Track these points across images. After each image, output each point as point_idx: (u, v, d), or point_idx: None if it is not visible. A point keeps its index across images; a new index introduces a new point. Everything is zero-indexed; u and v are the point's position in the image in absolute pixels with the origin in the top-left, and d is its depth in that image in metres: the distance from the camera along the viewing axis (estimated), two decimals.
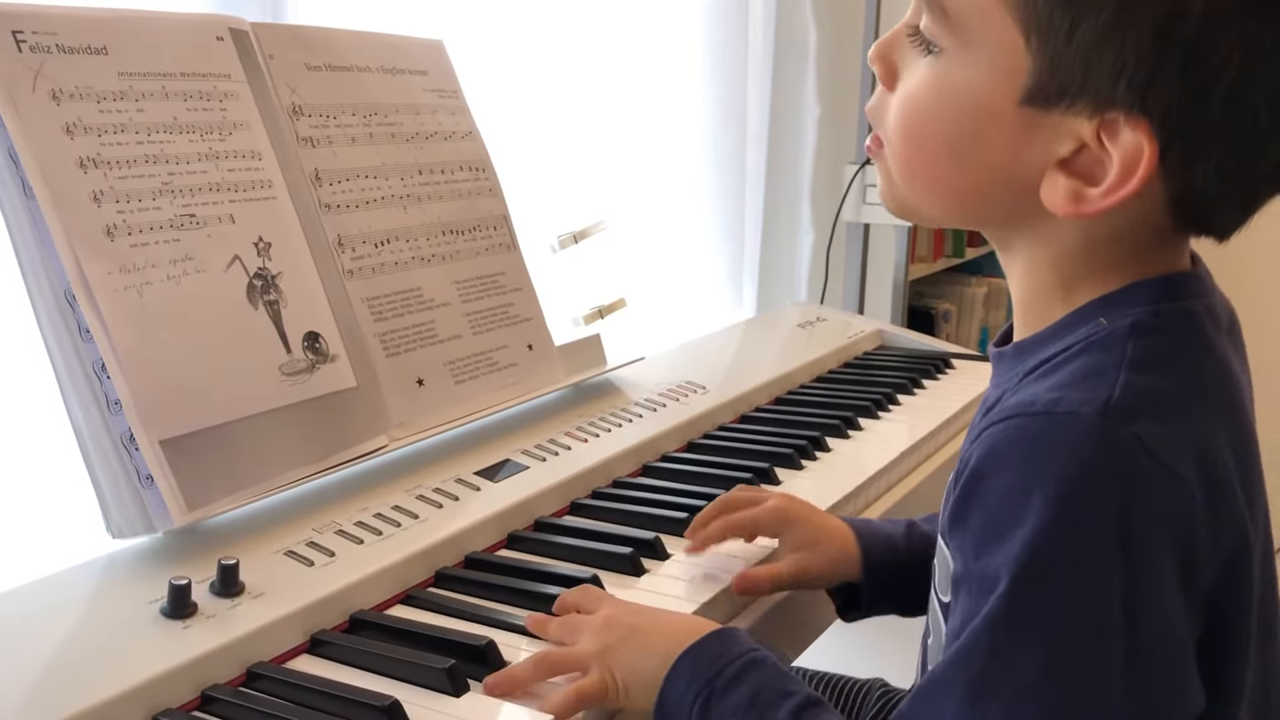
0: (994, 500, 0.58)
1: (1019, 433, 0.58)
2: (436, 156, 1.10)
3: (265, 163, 0.94)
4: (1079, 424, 0.56)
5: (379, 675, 0.71)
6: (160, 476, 0.78)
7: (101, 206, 0.81)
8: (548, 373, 1.14)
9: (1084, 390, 0.58)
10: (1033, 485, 0.56)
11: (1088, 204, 0.59)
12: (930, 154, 0.65)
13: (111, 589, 0.76)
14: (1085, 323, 0.62)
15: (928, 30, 0.63)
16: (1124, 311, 0.61)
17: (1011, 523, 0.56)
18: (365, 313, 0.98)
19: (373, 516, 0.86)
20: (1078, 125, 0.59)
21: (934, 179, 0.65)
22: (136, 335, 0.79)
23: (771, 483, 1.04)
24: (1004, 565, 0.56)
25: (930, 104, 0.63)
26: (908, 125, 0.65)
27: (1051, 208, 0.61)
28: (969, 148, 0.63)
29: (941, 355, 1.53)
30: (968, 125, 0.62)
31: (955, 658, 0.57)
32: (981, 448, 0.59)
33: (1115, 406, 0.57)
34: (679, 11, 1.80)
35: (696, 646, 0.68)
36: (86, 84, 0.83)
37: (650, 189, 1.75)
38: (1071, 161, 0.60)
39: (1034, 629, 0.56)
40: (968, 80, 0.62)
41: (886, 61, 0.66)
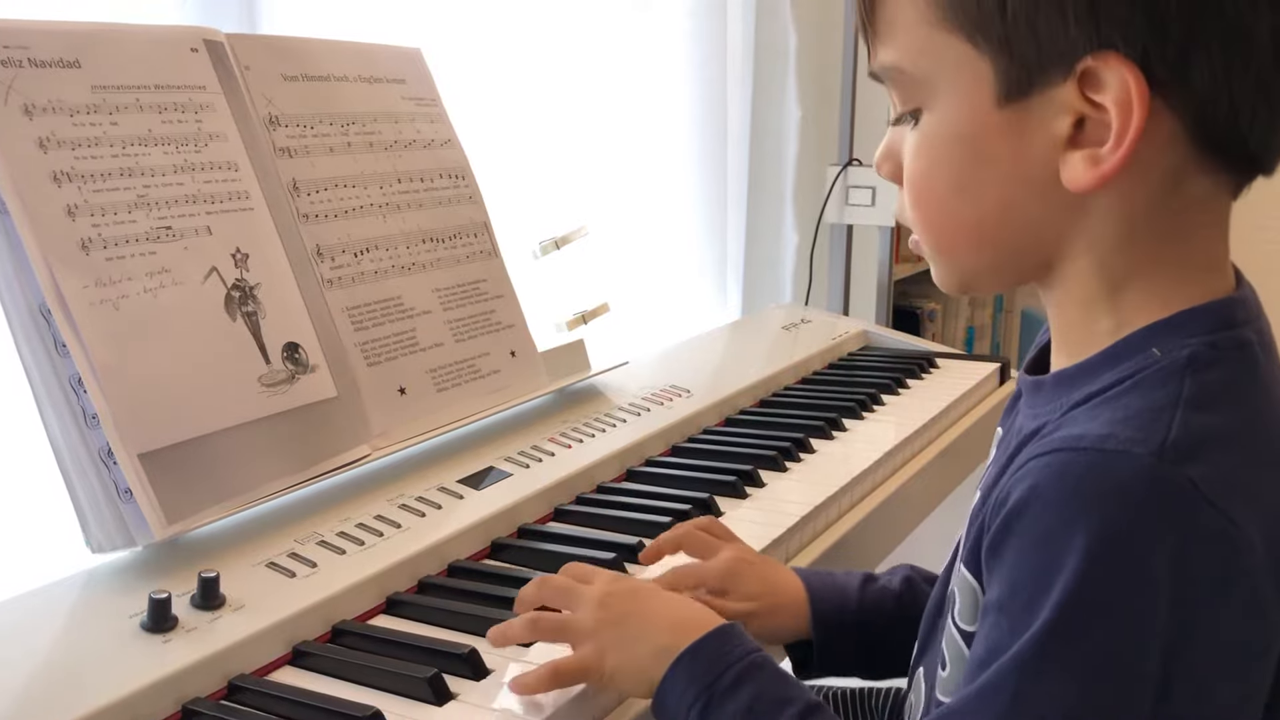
0: (1035, 536, 0.55)
1: (1065, 468, 0.55)
2: (415, 165, 1.10)
3: (242, 174, 0.93)
4: (1131, 464, 0.53)
5: (362, 685, 0.70)
6: (139, 490, 0.77)
7: (76, 220, 0.81)
8: (531, 379, 1.14)
9: (1138, 428, 0.55)
10: (1077, 526, 0.53)
11: (1105, 162, 0.56)
12: (945, 204, 0.63)
13: (91, 604, 0.75)
14: (1136, 353, 0.59)
15: (903, 104, 0.63)
16: (1178, 342, 0.58)
17: (1052, 564, 0.54)
18: (345, 322, 0.98)
19: (355, 526, 0.86)
20: (1062, 95, 0.57)
21: (953, 224, 0.63)
22: (113, 349, 0.79)
23: (756, 485, 1.04)
24: (1040, 606, 0.53)
25: (926, 162, 0.63)
26: (916, 195, 0.64)
27: (1076, 186, 0.58)
28: (975, 176, 0.61)
29: (926, 355, 1.53)
30: (965, 156, 0.61)
31: (980, 692, 0.55)
32: (1026, 481, 0.56)
33: (1171, 447, 0.54)
34: (659, 16, 1.80)
35: (696, 646, 0.67)
36: (59, 98, 0.83)
37: (632, 193, 1.75)
38: (1076, 137, 0.57)
39: (1064, 675, 0.53)
40: (948, 118, 0.61)
41: (892, 160, 0.66)
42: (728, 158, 1.96)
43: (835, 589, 0.85)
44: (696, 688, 0.66)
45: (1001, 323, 3.11)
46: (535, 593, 0.75)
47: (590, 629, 0.70)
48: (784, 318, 1.67)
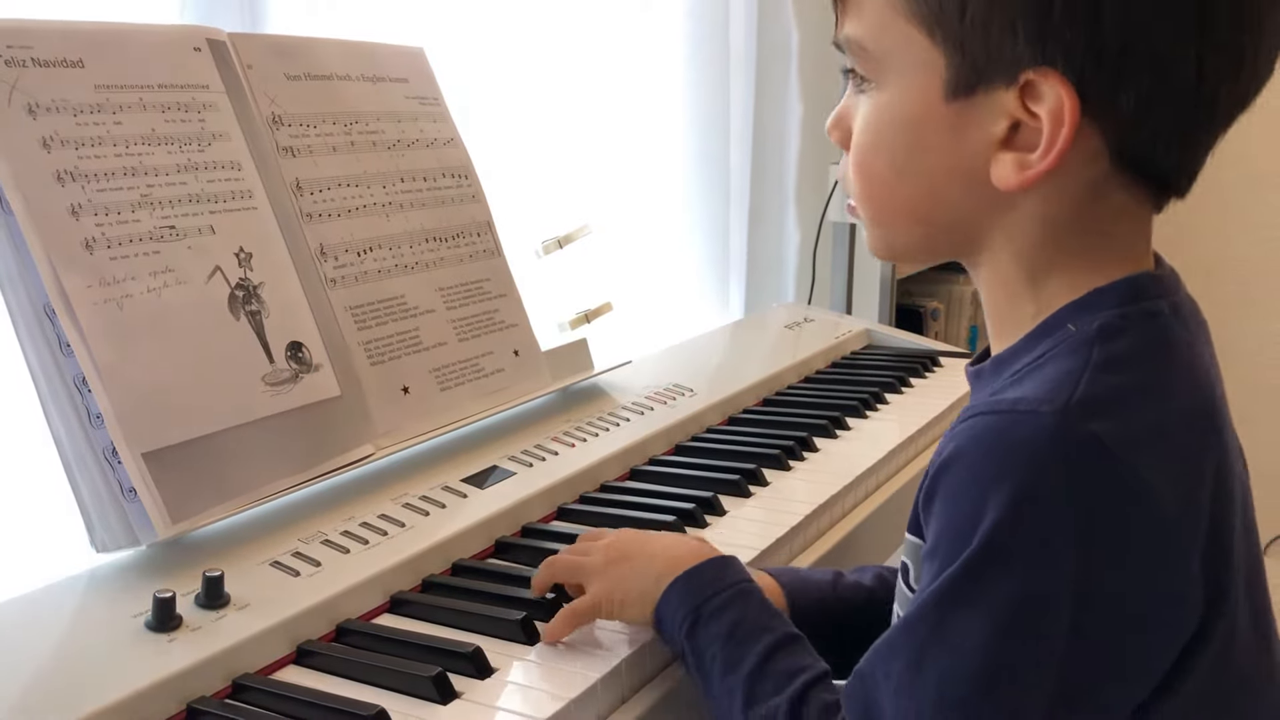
0: (955, 492, 0.60)
1: (982, 428, 0.60)
2: (418, 164, 1.10)
3: (245, 173, 0.93)
4: (1038, 421, 0.58)
5: (366, 684, 0.70)
6: (143, 489, 0.77)
7: (80, 220, 0.81)
8: (534, 378, 1.14)
9: (1048, 391, 0.59)
10: (990, 478, 0.58)
11: (1031, 168, 0.61)
12: (883, 178, 0.67)
13: (96, 603, 0.75)
14: (1055, 330, 0.64)
15: (857, 69, 0.67)
16: (1091, 316, 0.63)
17: (969, 513, 0.58)
18: (349, 321, 0.98)
19: (359, 525, 0.86)
20: (1002, 100, 0.61)
21: (893, 201, 0.68)
22: (117, 348, 0.79)
23: (760, 484, 1.04)
24: (959, 549, 0.58)
25: (871, 135, 0.67)
26: (858, 162, 0.68)
27: (1002, 184, 0.62)
28: (914, 159, 0.65)
29: (929, 353, 1.53)
30: (907, 139, 0.65)
31: (905, 625, 0.60)
32: (953, 443, 0.61)
33: (1075, 405, 0.58)
34: (660, 14, 1.80)
35: (692, 571, 0.74)
36: (63, 97, 0.83)
37: (634, 192, 1.75)
38: (1010, 140, 0.62)
39: (977, 609, 0.58)
40: (896, 98, 0.65)
41: (841, 127, 0.70)
42: (730, 156, 1.96)
43: (811, 586, 0.88)
44: (686, 608, 0.72)
45: None
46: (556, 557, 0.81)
47: (599, 567, 0.76)
48: (787, 317, 1.67)
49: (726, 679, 0.69)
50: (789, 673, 0.67)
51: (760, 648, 0.69)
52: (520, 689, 0.71)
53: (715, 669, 0.70)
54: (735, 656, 0.69)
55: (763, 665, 0.68)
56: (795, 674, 0.67)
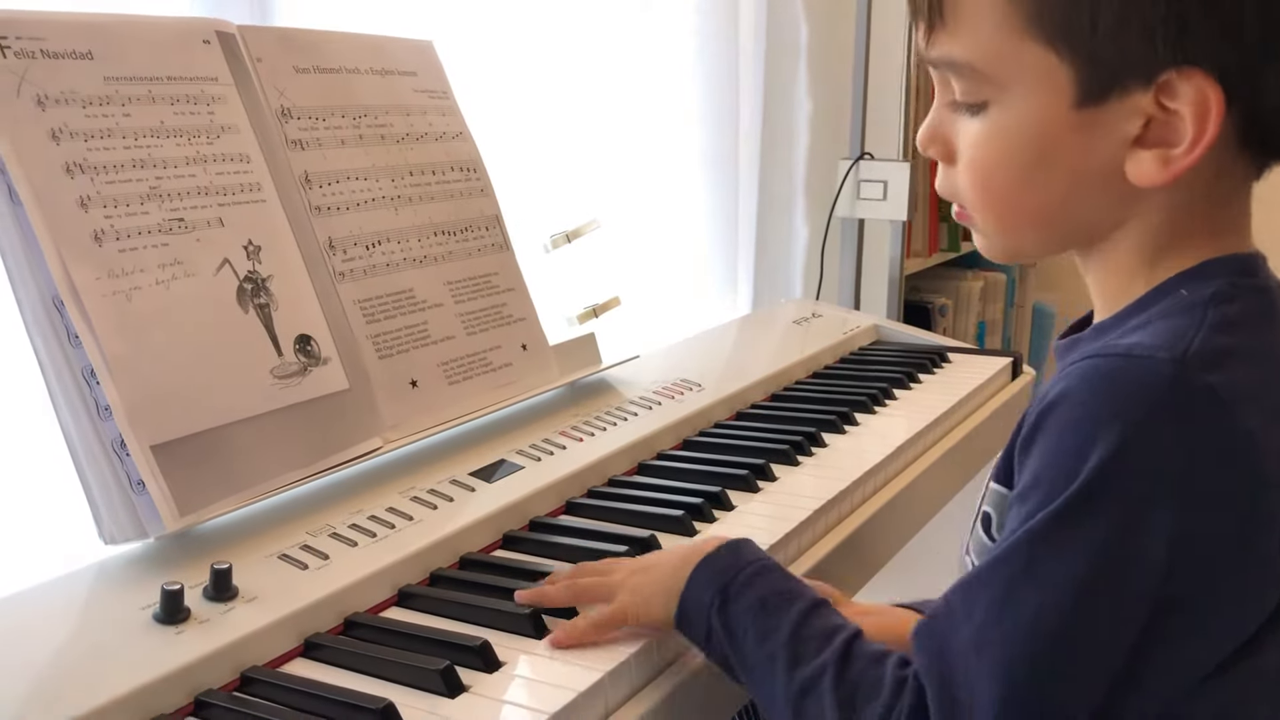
0: (1061, 430, 0.60)
1: (1093, 370, 0.61)
2: (427, 157, 1.10)
3: (254, 165, 0.93)
4: (1155, 367, 0.59)
5: (374, 678, 0.70)
6: (151, 482, 0.77)
7: (89, 211, 0.81)
8: (542, 372, 1.14)
9: (1163, 341, 0.60)
10: (1100, 417, 0.59)
11: (1177, 162, 0.62)
12: (1011, 193, 0.68)
13: (104, 595, 0.75)
14: (1167, 295, 0.65)
15: (966, 95, 0.67)
16: (1205, 284, 0.64)
17: (1075, 450, 0.59)
18: (357, 315, 0.98)
19: (367, 519, 0.86)
20: (1137, 101, 0.62)
21: (1022, 213, 0.68)
22: (125, 340, 0.79)
23: (768, 479, 1.04)
24: (1060, 487, 0.59)
25: (994, 153, 0.67)
26: (981, 180, 0.68)
27: (1144, 181, 0.63)
28: (1044, 171, 0.66)
29: (938, 349, 1.53)
30: (1036, 152, 0.66)
31: (994, 561, 0.61)
32: (1061, 384, 0.62)
33: (1193, 355, 0.59)
34: (669, 9, 1.80)
35: (710, 556, 0.74)
36: (72, 89, 0.83)
37: (643, 187, 1.74)
38: (1145, 136, 0.63)
39: (1073, 547, 0.58)
40: (1020, 116, 0.65)
41: (940, 141, 0.70)
42: (739, 151, 1.96)
43: None
44: (712, 590, 0.72)
45: (1013, 317, 3.09)
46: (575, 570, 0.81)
47: (621, 580, 0.76)
48: (795, 312, 1.67)
49: (765, 646, 0.69)
50: (827, 632, 0.68)
51: (794, 613, 0.69)
52: (528, 683, 0.70)
53: (750, 640, 0.70)
54: (770, 625, 0.69)
55: (799, 629, 0.68)
56: (834, 632, 0.68)
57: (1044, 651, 0.58)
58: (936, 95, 0.70)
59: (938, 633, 0.62)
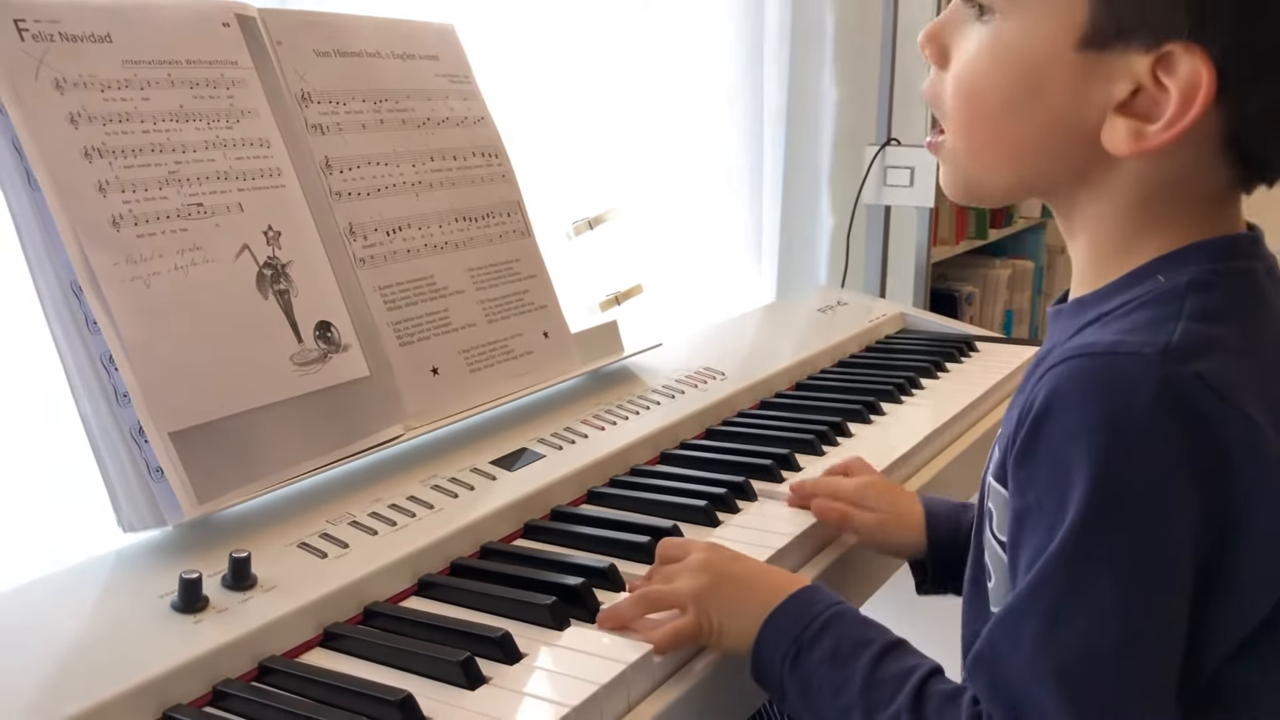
0: (1058, 437, 0.59)
1: (1080, 371, 0.59)
2: (448, 142, 1.09)
3: (274, 150, 0.92)
4: (1140, 362, 0.58)
5: (393, 668, 0.69)
6: (170, 469, 0.77)
7: (107, 196, 0.80)
8: (564, 360, 1.13)
9: (1144, 335, 0.60)
10: (1096, 421, 0.58)
11: (1148, 139, 0.61)
12: (991, 113, 0.66)
13: (122, 583, 0.75)
14: (1143, 281, 0.64)
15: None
16: (1182, 270, 0.63)
17: (1077, 458, 0.58)
18: (378, 301, 0.97)
19: (387, 507, 0.85)
20: (1134, 64, 0.61)
21: (996, 139, 0.67)
22: (144, 326, 0.78)
23: (792, 469, 1.03)
24: (1072, 500, 0.58)
25: (987, 65, 0.66)
26: (966, 90, 0.67)
27: (1113, 149, 0.62)
28: (1029, 100, 0.64)
29: (965, 338, 1.51)
30: (1027, 78, 0.64)
31: (1030, 590, 0.59)
32: (1044, 388, 0.60)
33: (1175, 348, 0.58)
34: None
35: (783, 605, 0.73)
36: (90, 72, 0.82)
37: (667, 173, 1.73)
38: (1129, 104, 0.62)
39: (1107, 560, 0.57)
40: (1025, 34, 0.64)
41: (937, 42, 0.69)
42: (764, 138, 1.94)
43: (950, 514, 0.92)
44: (786, 641, 0.71)
45: (1041, 305, 3.06)
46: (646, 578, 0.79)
47: (693, 593, 0.74)
48: (820, 300, 1.65)
49: (840, 699, 0.68)
50: (900, 675, 0.67)
51: (865, 661, 0.68)
52: (549, 675, 0.70)
53: (825, 694, 0.68)
54: (843, 677, 0.68)
55: (871, 676, 0.67)
56: (907, 675, 0.66)
57: (1104, 664, 0.57)
58: None
59: (990, 667, 0.61)
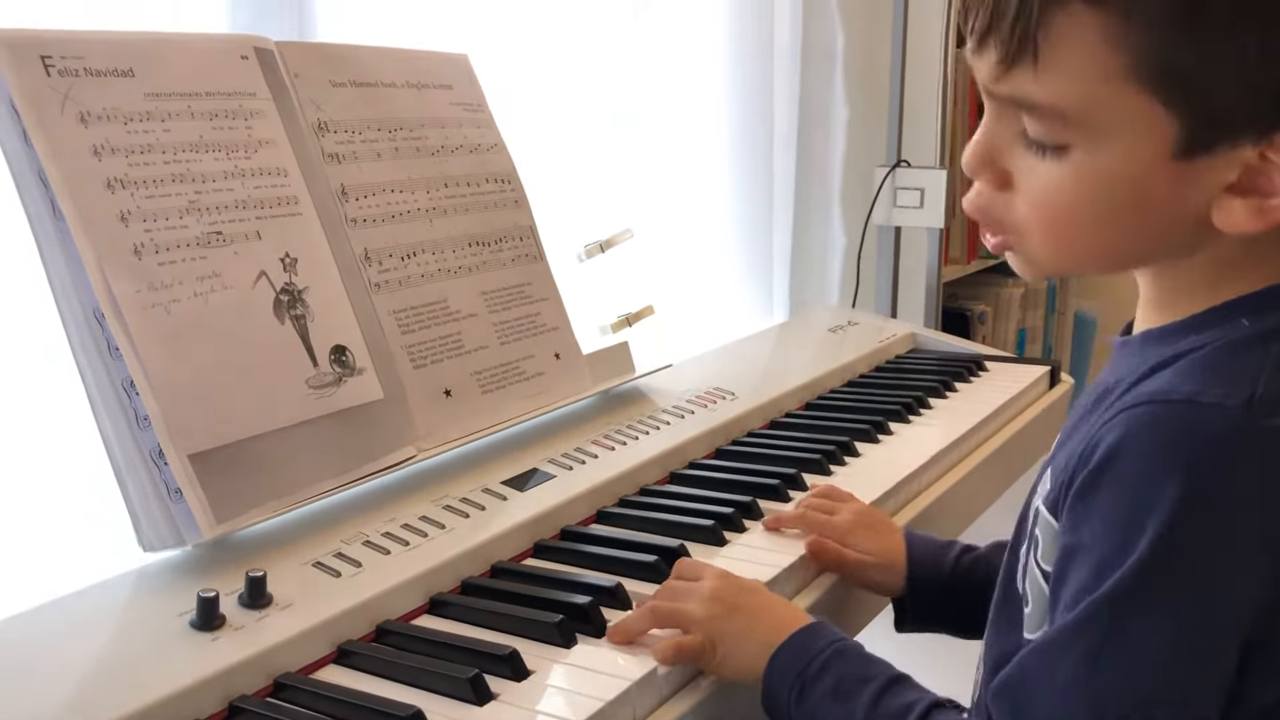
0: (1129, 483, 0.58)
1: (1157, 418, 0.59)
2: (462, 169, 1.11)
3: (291, 179, 0.95)
4: (1223, 415, 0.57)
5: (405, 685, 0.71)
6: (189, 490, 0.79)
7: (129, 226, 0.82)
8: (575, 381, 1.14)
9: (1227, 384, 0.58)
10: (1172, 473, 0.57)
11: (1272, 214, 0.59)
12: (1088, 235, 0.64)
13: (142, 602, 0.77)
14: (1225, 321, 0.63)
15: (1044, 135, 0.62)
16: (1268, 315, 0.62)
17: (1147, 509, 0.57)
18: (392, 325, 0.99)
19: (400, 527, 0.87)
20: (1242, 154, 0.59)
21: (1095, 247, 0.66)
22: (164, 352, 0.81)
23: (800, 489, 1.04)
24: (1134, 546, 0.57)
25: (1074, 198, 0.63)
26: (1054, 221, 0.64)
27: (1234, 229, 0.61)
28: (1128, 215, 0.63)
29: (974, 357, 1.52)
30: (1124, 198, 0.62)
31: (1074, 624, 0.59)
32: (1117, 430, 0.60)
33: (1260, 401, 0.57)
34: (704, 16, 1.80)
35: (788, 642, 0.74)
36: (114, 106, 0.84)
37: (678, 195, 1.75)
38: (1238, 184, 0.60)
39: (1161, 605, 0.57)
40: (1110, 164, 0.61)
41: (995, 168, 0.66)
42: (774, 159, 1.95)
43: (932, 556, 0.93)
44: (791, 677, 0.73)
45: (1054, 324, 3.06)
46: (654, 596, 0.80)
47: (702, 618, 0.76)
48: (830, 320, 1.67)
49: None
50: (902, 709, 0.68)
51: (867, 696, 0.69)
52: (557, 691, 0.71)
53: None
54: (845, 711, 0.70)
55: (874, 710, 0.69)
56: (908, 709, 0.68)
57: (1142, 706, 0.57)
58: (990, 115, 0.65)
59: (1017, 692, 0.61)
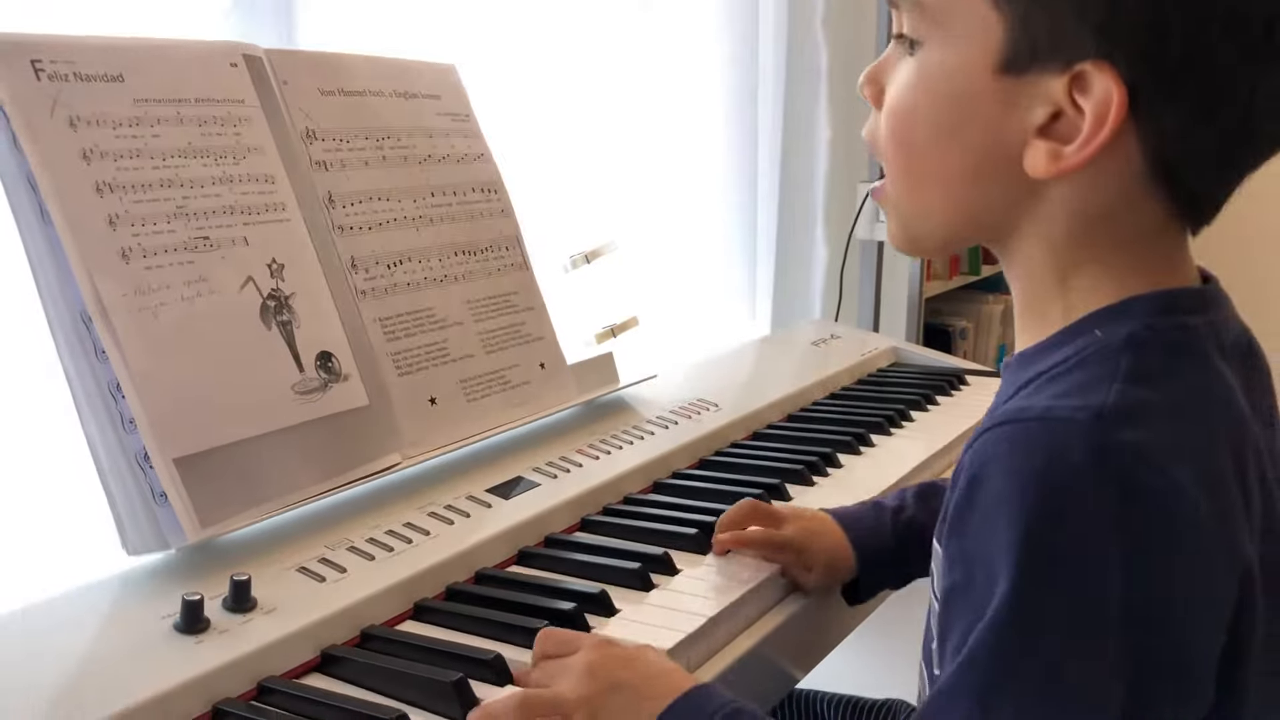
0: (989, 504, 0.58)
1: (1012, 438, 0.59)
2: (449, 178, 1.12)
3: (279, 186, 0.95)
4: (1071, 429, 0.57)
5: (388, 690, 0.71)
6: (174, 494, 0.79)
7: (117, 230, 0.82)
8: (560, 391, 1.15)
9: (1078, 398, 0.59)
10: (1027, 487, 0.57)
11: (1065, 160, 0.61)
12: (920, 147, 0.66)
13: (126, 604, 0.77)
14: (1081, 335, 0.63)
15: (909, 30, 0.65)
16: (1120, 325, 0.62)
17: (1007, 525, 0.57)
18: (378, 332, 1.00)
19: (384, 533, 0.87)
20: (1051, 87, 0.60)
21: (926, 175, 0.67)
22: (151, 356, 0.81)
23: (783, 499, 1.05)
24: (1002, 569, 0.56)
25: (913, 98, 0.65)
26: (895, 124, 0.67)
27: (1033, 172, 0.62)
28: (953, 130, 0.64)
29: (955, 372, 1.53)
30: (950, 107, 0.64)
31: (963, 663, 0.58)
32: (976, 454, 0.60)
33: (1109, 412, 0.57)
34: (691, 32, 1.82)
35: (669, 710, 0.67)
36: (103, 110, 0.85)
37: (663, 208, 1.76)
38: (1049, 128, 0.61)
39: (1036, 630, 0.56)
40: (945, 63, 0.64)
41: (875, 84, 0.69)
42: (759, 174, 1.97)
43: (870, 530, 0.93)
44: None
45: None
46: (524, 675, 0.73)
47: (580, 699, 0.68)
48: (813, 333, 1.68)
49: None
50: None
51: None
52: None
53: None
54: None
55: None
56: None
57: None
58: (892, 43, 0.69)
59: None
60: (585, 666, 0.70)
